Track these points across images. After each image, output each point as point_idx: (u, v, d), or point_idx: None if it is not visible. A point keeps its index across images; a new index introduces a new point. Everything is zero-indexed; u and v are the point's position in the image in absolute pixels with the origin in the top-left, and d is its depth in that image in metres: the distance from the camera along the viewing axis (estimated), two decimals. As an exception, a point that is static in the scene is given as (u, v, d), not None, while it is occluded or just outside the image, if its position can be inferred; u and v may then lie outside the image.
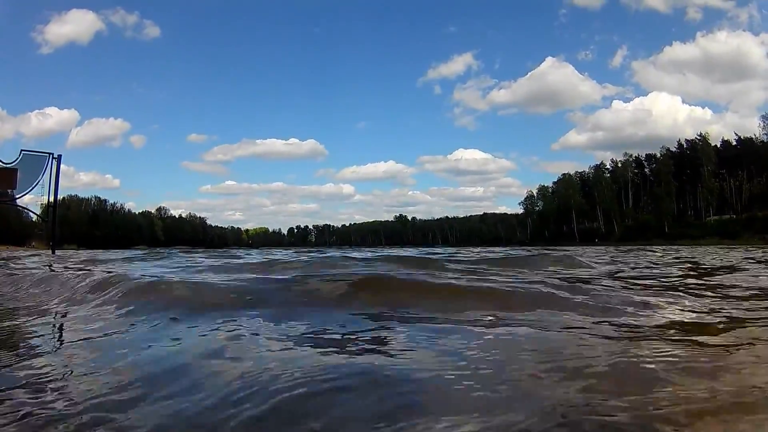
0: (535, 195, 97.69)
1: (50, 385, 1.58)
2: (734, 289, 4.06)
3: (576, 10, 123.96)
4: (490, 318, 2.56)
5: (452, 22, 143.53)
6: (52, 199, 39.10)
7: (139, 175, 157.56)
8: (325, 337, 2.22)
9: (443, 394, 1.45)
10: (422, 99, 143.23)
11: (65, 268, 7.78)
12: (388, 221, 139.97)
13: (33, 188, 38.13)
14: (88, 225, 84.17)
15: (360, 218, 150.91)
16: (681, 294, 3.66)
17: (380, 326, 2.44)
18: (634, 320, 2.55)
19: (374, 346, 2.03)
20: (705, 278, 5.41)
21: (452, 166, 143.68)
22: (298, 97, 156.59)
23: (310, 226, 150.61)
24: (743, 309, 2.92)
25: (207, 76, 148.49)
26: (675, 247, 29.71)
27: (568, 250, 15.58)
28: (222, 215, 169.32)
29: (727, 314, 2.72)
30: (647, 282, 4.81)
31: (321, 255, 11.43)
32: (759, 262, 9.17)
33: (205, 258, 11.41)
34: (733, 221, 62.60)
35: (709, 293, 3.74)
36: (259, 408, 1.33)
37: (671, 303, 3.13)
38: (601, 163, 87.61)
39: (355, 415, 1.31)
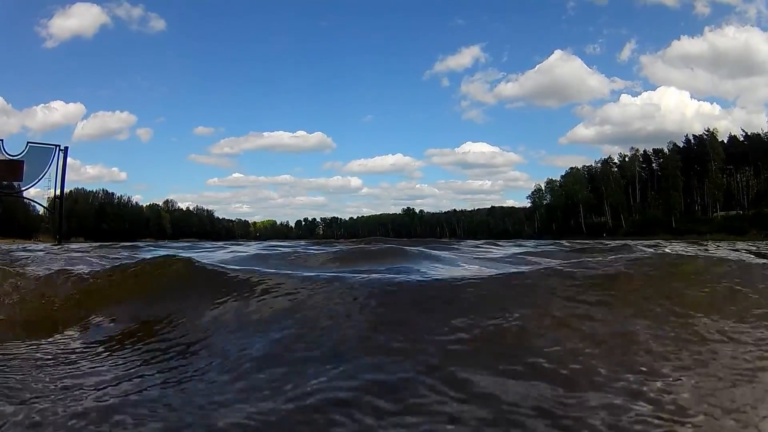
0: (543, 189, 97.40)
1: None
2: None
3: (584, 2, 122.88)
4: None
5: (460, 14, 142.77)
6: (58, 191, 39.55)
7: (146, 168, 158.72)
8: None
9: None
10: (430, 92, 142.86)
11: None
12: (396, 214, 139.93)
13: (39, 180, 38.56)
14: (95, 218, 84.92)
15: (368, 211, 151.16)
16: None
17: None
18: None
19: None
20: None
21: (460, 159, 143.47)
22: (305, 89, 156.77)
23: (318, 219, 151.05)
24: None
25: (213, 68, 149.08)
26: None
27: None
28: (229, 208, 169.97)
29: None
30: None
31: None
32: None
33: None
34: (740, 217, 62.21)
35: None
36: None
37: None
38: (609, 157, 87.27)
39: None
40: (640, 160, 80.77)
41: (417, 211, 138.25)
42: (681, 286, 1.93)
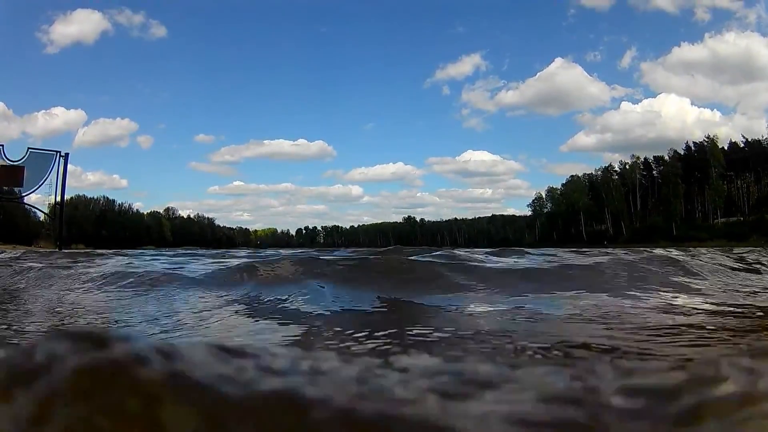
0: (544, 197, 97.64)
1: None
2: None
3: (584, 10, 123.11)
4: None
5: (460, 22, 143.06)
6: (59, 197, 39.65)
7: (147, 175, 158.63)
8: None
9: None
10: (430, 100, 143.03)
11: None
12: (396, 222, 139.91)
13: (40, 186, 38.67)
14: (96, 225, 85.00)
15: (368, 219, 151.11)
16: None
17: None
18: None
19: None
20: None
21: (460, 167, 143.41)
22: (305, 97, 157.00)
23: (319, 227, 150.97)
24: None
25: (214, 76, 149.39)
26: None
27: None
28: (230, 216, 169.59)
29: None
30: None
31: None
32: None
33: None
34: (741, 223, 62.15)
35: None
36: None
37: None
38: (610, 165, 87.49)
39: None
40: (641, 167, 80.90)
41: (418, 219, 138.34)
42: None
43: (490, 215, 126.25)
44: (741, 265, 7.82)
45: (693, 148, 74.66)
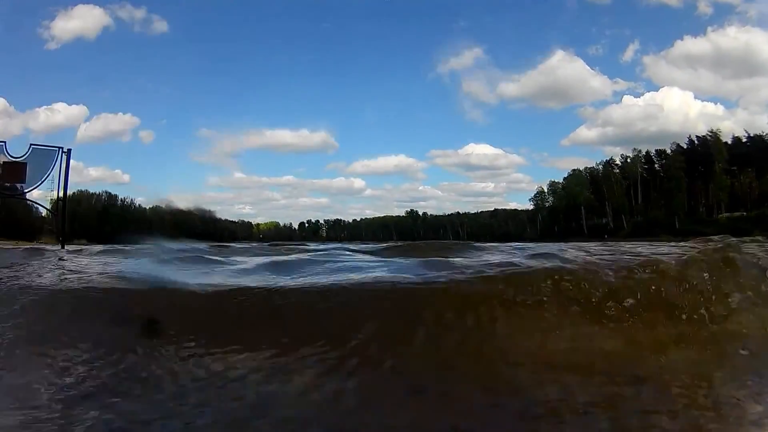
0: (546, 191, 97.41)
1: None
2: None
3: (586, 3, 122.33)
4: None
5: (462, 15, 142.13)
6: (61, 193, 39.58)
7: (149, 169, 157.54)
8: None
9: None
10: (432, 92, 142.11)
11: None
12: (399, 216, 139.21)
13: (42, 182, 38.64)
14: (98, 220, 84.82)
15: (371, 213, 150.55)
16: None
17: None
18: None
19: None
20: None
21: (463, 160, 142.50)
22: (307, 90, 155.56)
23: (321, 221, 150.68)
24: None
25: (216, 70, 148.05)
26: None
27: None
28: (232, 209, 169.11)
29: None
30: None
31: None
32: None
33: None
34: (744, 218, 61.94)
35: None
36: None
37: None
38: (611, 159, 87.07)
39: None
40: (643, 161, 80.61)
41: (420, 213, 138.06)
42: None
43: (492, 209, 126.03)
44: None
45: (696, 142, 74.34)
